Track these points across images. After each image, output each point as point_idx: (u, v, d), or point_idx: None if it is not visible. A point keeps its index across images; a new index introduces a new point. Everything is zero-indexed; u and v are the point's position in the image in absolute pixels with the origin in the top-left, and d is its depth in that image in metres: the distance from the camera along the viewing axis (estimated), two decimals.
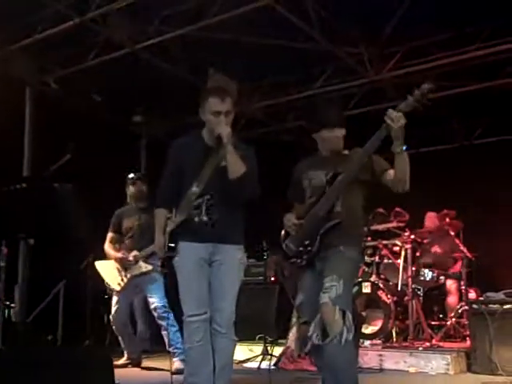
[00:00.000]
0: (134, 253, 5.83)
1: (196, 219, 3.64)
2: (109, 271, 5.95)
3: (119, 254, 5.92)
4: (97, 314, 7.32)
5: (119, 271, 5.91)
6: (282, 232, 3.88)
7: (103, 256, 6.20)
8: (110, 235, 6.16)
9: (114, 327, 6.00)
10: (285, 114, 9.60)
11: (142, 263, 5.81)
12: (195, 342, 3.60)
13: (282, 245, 3.84)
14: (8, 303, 6.59)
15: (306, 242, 3.68)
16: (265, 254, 7.07)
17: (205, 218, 3.63)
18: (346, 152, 3.83)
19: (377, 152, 3.68)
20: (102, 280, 6.00)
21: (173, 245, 3.63)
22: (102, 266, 6.03)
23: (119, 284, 5.88)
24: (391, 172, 3.66)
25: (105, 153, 8.34)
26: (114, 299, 5.96)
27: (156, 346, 7.18)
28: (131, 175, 6.21)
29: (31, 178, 3.67)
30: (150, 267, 5.78)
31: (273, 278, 7.48)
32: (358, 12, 6.86)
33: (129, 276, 5.87)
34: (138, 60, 7.73)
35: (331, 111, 3.88)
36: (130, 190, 6.17)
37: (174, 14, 7.20)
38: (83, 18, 6.97)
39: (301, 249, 3.71)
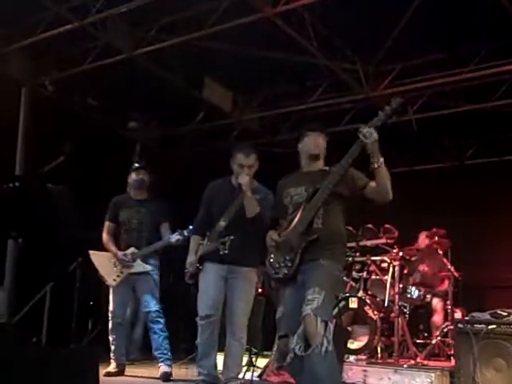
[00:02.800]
0: (132, 250, 5.64)
1: (221, 252, 4.50)
2: (104, 264, 5.68)
3: (119, 253, 5.67)
4: (83, 318, 7.30)
5: (115, 265, 5.66)
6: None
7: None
8: (107, 224, 5.90)
9: (109, 325, 5.77)
10: (279, 126, 9.64)
11: (140, 262, 5.63)
12: (203, 338, 4.63)
13: (266, 261, 3.93)
14: None
15: (287, 258, 3.78)
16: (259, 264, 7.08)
17: (226, 252, 4.48)
18: (327, 168, 3.90)
19: (359, 167, 3.77)
20: (97, 271, 5.75)
21: (200, 267, 4.68)
22: (97, 258, 5.74)
23: (114, 280, 5.65)
24: (372, 184, 3.77)
25: (98, 157, 8.35)
26: (111, 296, 5.74)
27: (142, 353, 7.16)
28: (136, 164, 6.09)
29: (24, 177, 3.66)
30: (148, 267, 5.65)
31: (260, 290, 7.48)
32: (356, 29, 6.93)
33: (125, 273, 5.65)
34: (135, 66, 7.77)
35: (314, 122, 4.17)
36: (132, 177, 5.93)
37: (173, 21, 7.26)
38: (83, 22, 7.00)
39: (282, 264, 3.80)
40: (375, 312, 6.35)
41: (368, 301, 6.47)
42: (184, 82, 8.29)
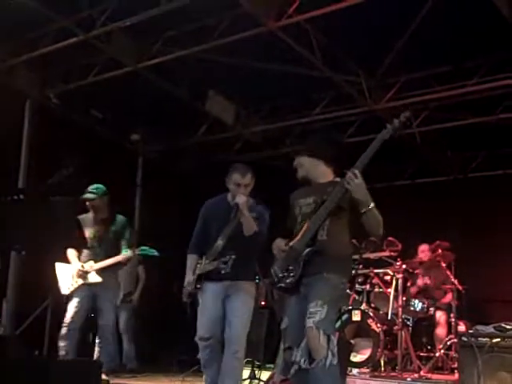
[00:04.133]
0: (90, 263, 5.73)
1: (222, 272, 4.52)
2: (64, 275, 5.76)
3: (77, 265, 5.74)
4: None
5: (72, 277, 5.74)
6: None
7: None
8: None
9: (63, 332, 5.67)
10: (281, 139, 9.65)
11: (93, 273, 5.71)
12: (204, 355, 4.62)
13: (271, 269, 3.90)
14: None
15: (290, 268, 3.75)
16: (256, 277, 7.05)
17: (228, 270, 4.50)
18: (338, 180, 3.88)
19: None
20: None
21: (199, 285, 4.63)
22: (60, 269, 5.80)
23: (68, 288, 5.72)
24: None
25: (101, 169, 8.36)
26: (70, 304, 5.72)
27: (143, 365, 7.14)
28: (91, 187, 5.89)
29: (27, 190, 3.66)
30: (98, 279, 5.70)
31: (263, 303, 7.46)
32: (359, 41, 6.95)
33: (79, 283, 5.71)
34: (139, 79, 7.80)
35: (313, 140, 4.05)
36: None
37: (177, 35, 7.29)
38: (87, 35, 7.04)
39: (285, 274, 3.77)
40: (378, 325, 6.33)
41: (371, 313, 6.44)
42: (187, 94, 8.32)
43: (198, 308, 4.70)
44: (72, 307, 5.72)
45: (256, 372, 6.11)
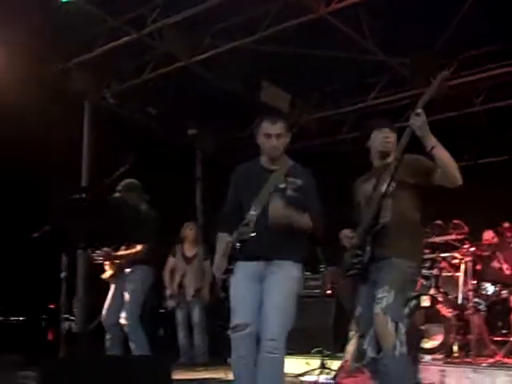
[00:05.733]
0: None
1: (246, 237, 3.68)
2: None
3: None
4: (152, 326, 7.36)
5: None
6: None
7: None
8: None
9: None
10: (338, 125, 9.54)
11: None
12: (237, 355, 3.64)
13: (343, 258, 3.82)
14: (67, 316, 6.61)
15: (359, 252, 3.66)
16: (321, 266, 6.99)
17: (253, 235, 3.66)
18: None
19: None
20: None
21: (231, 267, 3.72)
22: None
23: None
24: (439, 169, 3.57)
25: (160, 166, 8.45)
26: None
27: (212, 357, 7.16)
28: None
29: (89, 188, 3.70)
30: None
31: (329, 291, 7.38)
32: (411, 23, 6.78)
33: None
34: (192, 74, 7.81)
35: (382, 118, 4.04)
36: None
37: (226, 27, 7.26)
38: (140, 33, 7.10)
39: (354, 260, 3.68)
40: (449, 310, 6.17)
41: (440, 299, 6.29)
42: (241, 86, 8.30)
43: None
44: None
45: (326, 362, 6.07)
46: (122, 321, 5.25)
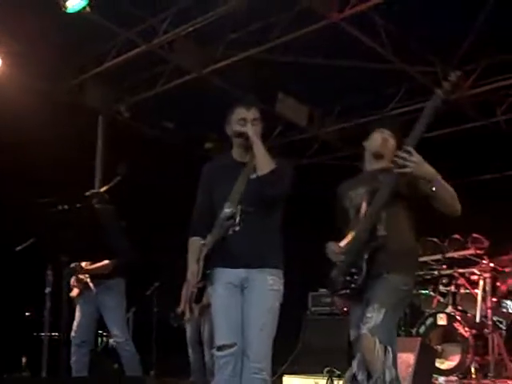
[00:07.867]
0: None
1: (230, 232, 3.37)
2: None
3: None
4: (163, 342, 7.22)
5: None
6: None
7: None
8: None
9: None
10: (359, 137, 9.29)
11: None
12: (224, 375, 3.36)
13: (330, 276, 3.49)
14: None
15: (353, 270, 3.36)
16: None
17: (237, 228, 3.36)
18: (392, 166, 3.48)
19: None
20: None
21: (208, 271, 3.42)
22: None
23: None
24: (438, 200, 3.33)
25: (177, 179, 8.34)
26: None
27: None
28: None
29: (72, 199, 3.60)
30: None
31: (345, 309, 7.13)
32: (431, 28, 6.55)
33: None
34: (206, 85, 7.71)
35: (385, 118, 3.73)
36: None
37: (239, 37, 7.15)
38: (150, 45, 7.04)
39: (348, 278, 3.37)
40: (466, 329, 5.87)
41: (458, 317, 5.99)
42: (256, 98, 8.14)
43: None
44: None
45: (335, 382, 5.83)
46: (115, 338, 5.09)
